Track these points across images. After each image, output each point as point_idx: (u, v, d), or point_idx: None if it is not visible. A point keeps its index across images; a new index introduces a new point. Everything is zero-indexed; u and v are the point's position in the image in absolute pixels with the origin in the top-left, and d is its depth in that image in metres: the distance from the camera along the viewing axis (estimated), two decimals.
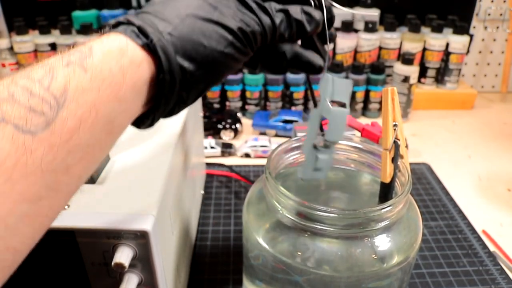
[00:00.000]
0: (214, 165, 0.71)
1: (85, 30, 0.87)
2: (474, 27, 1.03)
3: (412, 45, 0.93)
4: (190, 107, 0.51)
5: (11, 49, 0.90)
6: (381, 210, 0.32)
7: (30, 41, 0.89)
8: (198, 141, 0.60)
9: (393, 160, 0.35)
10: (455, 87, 0.99)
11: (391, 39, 0.93)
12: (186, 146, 0.48)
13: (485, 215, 0.63)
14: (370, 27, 0.91)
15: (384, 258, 0.34)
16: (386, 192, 0.35)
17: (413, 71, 0.88)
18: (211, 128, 0.81)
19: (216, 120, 0.82)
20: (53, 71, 0.22)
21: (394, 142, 0.35)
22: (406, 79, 0.88)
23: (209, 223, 0.59)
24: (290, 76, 0.88)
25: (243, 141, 0.78)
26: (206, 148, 0.75)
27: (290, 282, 0.35)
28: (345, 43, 0.90)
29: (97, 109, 0.22)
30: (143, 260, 0.31)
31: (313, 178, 0.36)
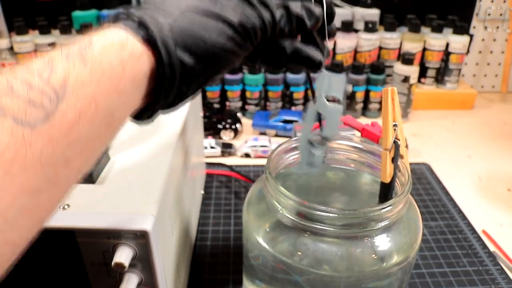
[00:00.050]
0: (214, 164, 0.71)
1: (85, 30, 0.86)
2: (474, 27, 1.03)
3: (412, 45, 0.93)
4: (190, 107, 0.51)
5: (11, 49, 0.90)
6: (381, 210, 0.32)
7: (30, 41, 0.89)
8: (198, 141, 0.60)
9: (393, 160, 0.35)
10: (455, 87, 0.99)
11: (391, 39, 0.93)
12: (186, 146, 0.48)
13: (485, 215, 0.63)
14: (370, 27, 0.91)
15: (384, 258, 0.34)
16: (386, 192, 0.35)
17: (413, 71, 0.88)
18: (211, 128, 0.81)
19: (216, 120, 0.82)
20: (52, 64, 0.21)
21: (394, 142, 0.35)
22: (406, 79, 0.88)
23: (209, 223, 0.59)
24: (290, 76, 0.88)
25: (243, 141, 0.78)
26: (206, 148, 0.75)
27: (290, 282, 0.35)
28: (345, 43, 0.90)
29: (97, 102, 0.22)
30: (143, 260, 0.31)
31: (307, 173, 0.36)
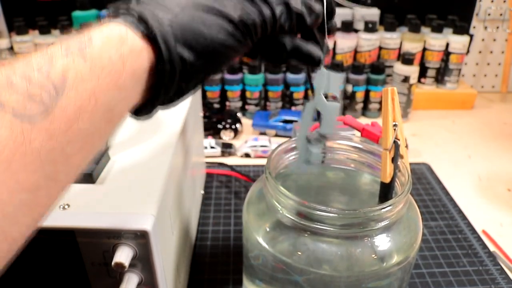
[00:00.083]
0: (214, 164, 0.71)
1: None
2: (474, 27, 1.03)
3: (412, 45, 0.93)
4: (190, 107, 0.51)
5: (11, 49, 0.90)
6: (381, 210, 0.32)
7: (30, 41, 0.89)
8: (198, 141, 0.60)
9: (393, 160, 0.35)
10: (455, 87, 0.99)
11: (391, 39, 0.93)
12: (186, 146, 0.48)
13: (485, 215, 0.63)
14: (370, 27, 0.91)
15: (384, 258, 0.34)
16: (386, 192, 0.35)
17: (413, 71, 0.88)
18: (211, 128, 0.81)
19: (216, 120, 0.82)
20: (52, 59, 0.21)
21: (394, 142, 0.35)
22: (406, 79, 0.88)
23: (209, 223, 0.59)
24: (290, 76, 0.88)
25: (243, 141, 0.78)
26: (206, 148, 0.75)
27: (290, 282, 0.35)
28: (345, 43, 0.90)
29: (97, 97, 0.22)
30: (143, 260, 0.31)
31: (304, 170, 0.37)
